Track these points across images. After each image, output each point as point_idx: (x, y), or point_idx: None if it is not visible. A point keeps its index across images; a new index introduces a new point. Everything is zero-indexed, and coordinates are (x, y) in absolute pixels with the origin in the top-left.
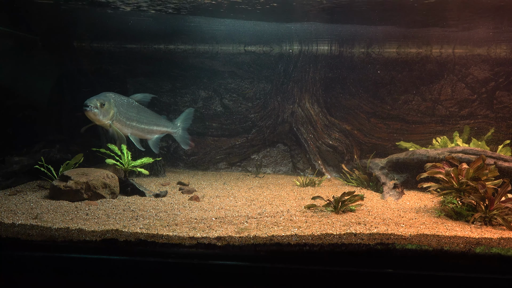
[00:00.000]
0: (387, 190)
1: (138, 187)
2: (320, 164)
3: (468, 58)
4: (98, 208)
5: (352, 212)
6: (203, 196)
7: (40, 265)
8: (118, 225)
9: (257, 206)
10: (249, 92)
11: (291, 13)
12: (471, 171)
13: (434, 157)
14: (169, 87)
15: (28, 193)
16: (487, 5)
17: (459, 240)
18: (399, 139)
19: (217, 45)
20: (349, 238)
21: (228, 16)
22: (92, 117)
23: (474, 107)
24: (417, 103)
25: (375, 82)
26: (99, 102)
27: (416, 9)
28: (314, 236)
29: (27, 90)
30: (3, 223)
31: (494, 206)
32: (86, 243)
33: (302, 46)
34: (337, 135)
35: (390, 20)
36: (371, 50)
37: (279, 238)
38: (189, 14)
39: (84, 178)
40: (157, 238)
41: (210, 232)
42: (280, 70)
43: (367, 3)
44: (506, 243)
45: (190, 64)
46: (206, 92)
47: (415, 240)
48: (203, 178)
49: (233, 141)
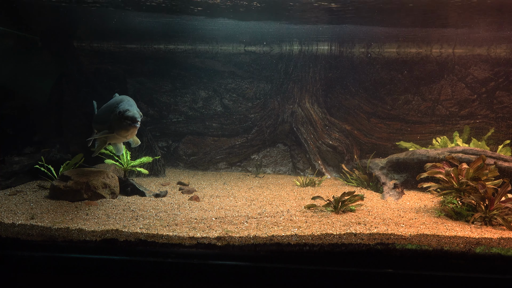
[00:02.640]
0: (387, 190)
1: (138, 187)
2: (320, 164)
3: (468, 58)
4: (98, 208)
5: (352, 212)
6: (203, 196)
7: (40, 265)
8: (118, 225)
9: (257, 206)
10: (249, 92)
11: (292, 14)
12: (471, 171)
13: (434, 157)
14: (169, 87)
15: (28, 193)
16: (487, 5)
17: (459, 240)
18: (399, 139)
19: (217, 45)
20: (349, 238)
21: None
22: (136, 130)
23: (474, 107)
24: (417, 103)
25: (375, 82)
26: (140, 113)
27: (416, 9)
28: (314, 236)
29: (27, 90)
30: (3, 223)
31: (494, 206)
32: (86, 243)
33: (302, 46)
34: (337, 135)
35: (390, 20)
36: (371, 50)
37: (279, 238)
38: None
39: (84, 178)
40: (157, 238)
41: (210, 232)
42: (280, 70)
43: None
44: (506, 243)
45: (190, 64)
46: (206, 92)
47: (415, 240)
48: (203, 178)
49: (233, 141)
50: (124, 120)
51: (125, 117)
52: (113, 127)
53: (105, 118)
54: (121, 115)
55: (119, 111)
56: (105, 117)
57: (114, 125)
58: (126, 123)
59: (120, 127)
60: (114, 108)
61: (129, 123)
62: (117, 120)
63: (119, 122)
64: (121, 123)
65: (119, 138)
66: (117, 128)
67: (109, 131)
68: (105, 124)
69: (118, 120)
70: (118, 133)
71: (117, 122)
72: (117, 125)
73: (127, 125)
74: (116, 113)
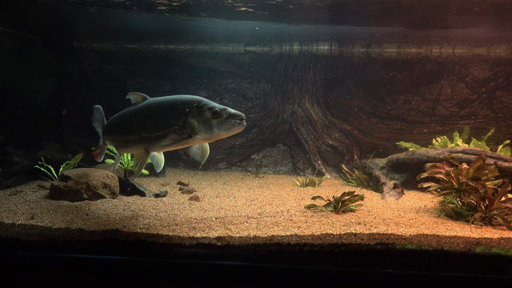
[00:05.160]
0: (387, 190)
1: (138, 187)
2: (320, 164)
3: (468, 58)
4: (98, 208)
5: (352, 212)
6: (203, 196)
7: (40, 265)
8: (118, 225)
9: (257, 206)
10: (249, 92)
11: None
12: (471, 171)
13: (434, 157)
14: (169, 87)
15: (28, 193)
16: (487, 5)
17: (459, 240)
18: (399, 139)
19: (217, 45)
20: (349, 238)
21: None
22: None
23: (474, 107)
24: (417, 103)
25: (375, 82)
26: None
27: (416, 9)
28: (314, 236)
29: (27, 90)
30: (3, 223)
31: (494, 206)
32: (86, 243)
33: (302, 46)
34: (337, 135)
35: (390, 20)
36: (371, 50)
37: (279, 238)
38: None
39: (84, 178)
40: (157, 238)
41: (210, 232)
42: (280, 70)
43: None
44: (506, 243)
45: (190, 64)
46: (206, 92)
47: (415, 240)
48: (203, 178)
49: (233, 141)
50: (230, 119)
51: (232, 115)
52: (196, 130)
53: (139, 125)
54: (224, 114)
55: (215, 110)
56: (139, 124)
57: (203, 127)
58: (233, 122)
59: (222, 128)
60: (193, 108)
61: (239, 122)
62: (212, 119)
63: (219, 122)
64: (223, 123)
65: (195, 142)
66: (218, 129)
67: (181, 136)
68: (129, 134)
69: (216, 120)
70: (211, 135)
71: (216, 122)
72: (215, 126)
73: (234, 125)
74: (210, 112)
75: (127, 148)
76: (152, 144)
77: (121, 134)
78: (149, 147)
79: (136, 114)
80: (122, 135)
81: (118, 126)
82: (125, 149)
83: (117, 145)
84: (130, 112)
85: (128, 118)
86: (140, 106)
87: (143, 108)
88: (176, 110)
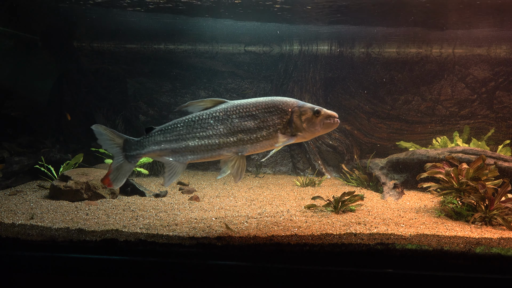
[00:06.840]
0: (387, 190)
1: (138, 187)
2: (320, 164)
3: (468, 58)
4: (98, 208)
5: (352, 212)
6: (203, 196)
7: (40, 265)
8: (118, 225)
9: (257, 206)
10: (249, 92)
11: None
12: (471, 171)
13: (434, 157)
14: (169, 87)
15: (28, 193)
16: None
17: (459, 240)
18: (399, 139)
19: (217, 45)
20: (349, 238)
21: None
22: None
23: (474, 107)
24: (417, 103)
25: (375, 82)
26: None
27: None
28: (314, 236)
29: (27, 90)
30: (3, 223)
31: (494, 206)
32: (86, 243)
33: (302, 46)
34: (337, 135)
35: (390, 20)
36: (371, 50)
37: (279, 238)
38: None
39: (84, 178)
40: (157, 238)
41: (210, 232)
42: (280, 70)
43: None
44: (506, 243)
45: (190, 64)
46: (206, 92)
47: (415, 240)
48: (203, 178)
49: None
50: (328, 118)
51: (329, 114)
52: (300, 128)
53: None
54: (323, 113)
55: (317, 109)
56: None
57: (307, 125)
58: (331, 119)
59: (322, 125)
60: (296, 108)
61: (336, 120)
62: (314, 118)
63: (321, 120)
64: (323, 121)
65: (296, 140)
66: (320, 127)
67: (285, 135)
68: (211, 139)
69: (318, 118)
70: (313, 133)
71: (319, 121)
72: (318, 124)
73: (332, 122)
74: (312, 112)
75: (203, 155)
76: (251, 145)
77: (196, 139)
78: (244, 149)
79: (224, 117)
80: (201, 140)
81: (189, 133)
82: (199, 157)
83: (180, 155)
84: (208, 116)
85: (206, 122)
86: (225, 109)
87: (233, 110)
88: (279, 111)
